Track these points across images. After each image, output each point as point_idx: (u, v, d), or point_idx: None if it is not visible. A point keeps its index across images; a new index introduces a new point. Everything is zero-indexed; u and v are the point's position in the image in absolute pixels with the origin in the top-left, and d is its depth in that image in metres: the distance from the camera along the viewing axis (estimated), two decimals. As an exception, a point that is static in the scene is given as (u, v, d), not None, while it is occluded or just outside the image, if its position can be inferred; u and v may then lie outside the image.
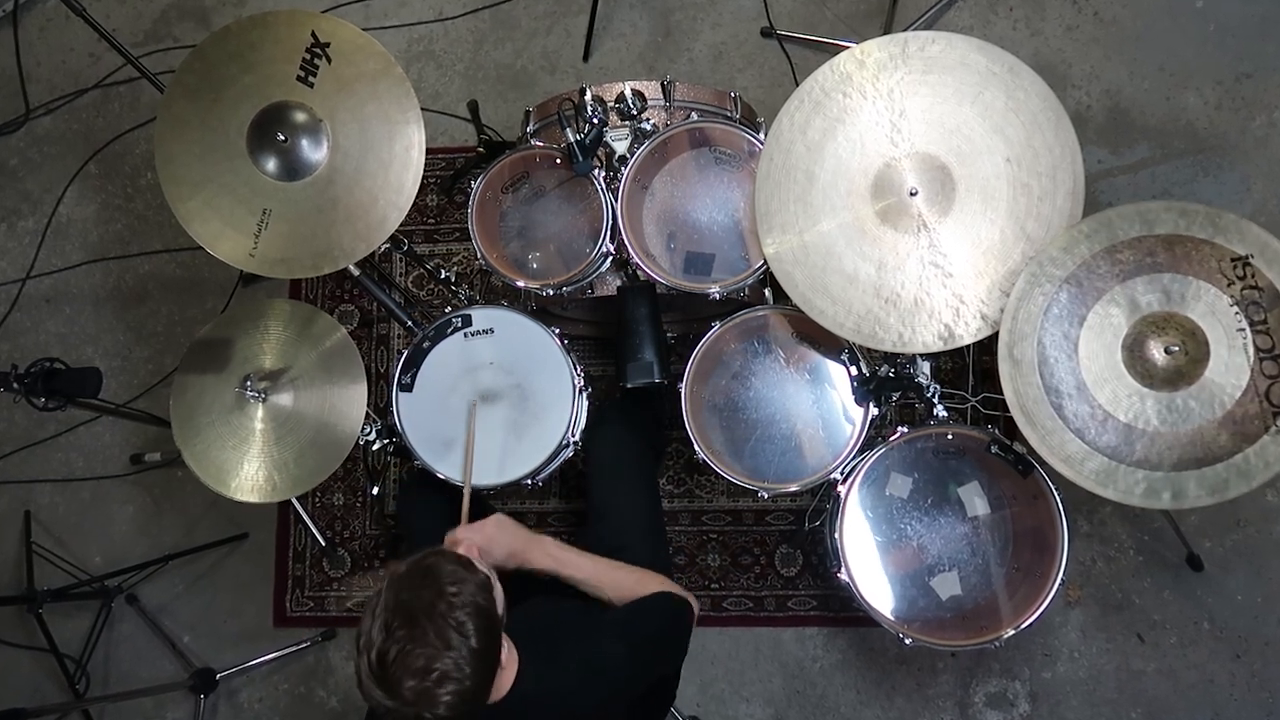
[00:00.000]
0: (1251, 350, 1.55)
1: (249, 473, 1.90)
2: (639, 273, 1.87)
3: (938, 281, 1.70)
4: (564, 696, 1.46)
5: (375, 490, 2.47)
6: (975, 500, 1.85)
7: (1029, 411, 1.63)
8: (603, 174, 1.89)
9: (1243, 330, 1.56)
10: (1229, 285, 1.56)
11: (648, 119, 1.92)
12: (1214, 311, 1.57)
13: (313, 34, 1.80)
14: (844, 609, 2.35)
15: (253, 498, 1.90)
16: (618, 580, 1.65)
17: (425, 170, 1.80)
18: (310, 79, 1.81)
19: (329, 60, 1.80)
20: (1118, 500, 1.59)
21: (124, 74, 2.79)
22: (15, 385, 1.86)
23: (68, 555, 2.60)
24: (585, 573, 1.65)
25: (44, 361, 1.91)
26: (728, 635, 2.40)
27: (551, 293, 1.91)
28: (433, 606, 1.25)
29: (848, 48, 1.78)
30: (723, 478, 1.85)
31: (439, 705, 1.22)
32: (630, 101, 1.92)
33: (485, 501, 2.34)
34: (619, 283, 1.93)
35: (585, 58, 2.65)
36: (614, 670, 1.50)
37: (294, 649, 2.48)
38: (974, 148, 1.70)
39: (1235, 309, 1.56)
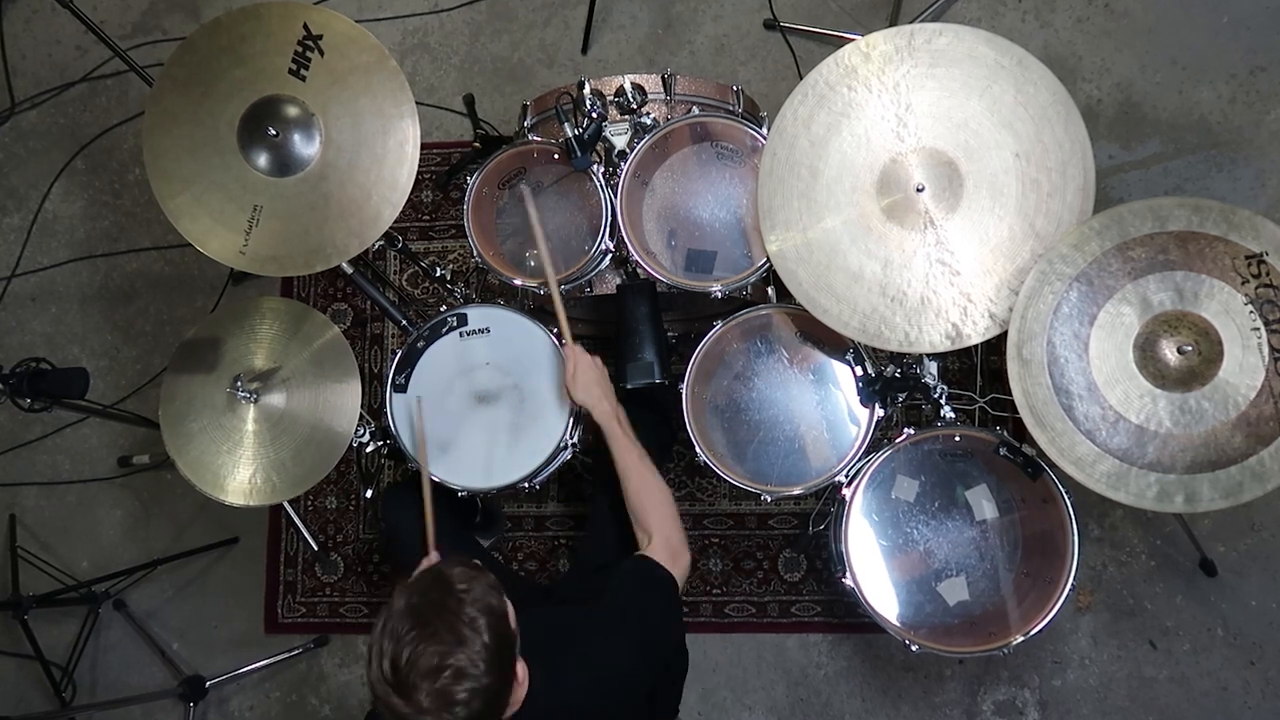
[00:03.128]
0: (1266, 350, 1.53)
1: (244, 476, 1.89)
2: (639, 271, 1.85)
3: (945, 280, 1.68)
4: (580, 703, 1.45)
5: (369, 493, 2.46)
6: (983, 504, 1.83)
7: (1038, 413, 1.61)
8: (602, 169, 1.87)
9: (1257, 329, 1.54)
10: (1243, 283, 1.55)
11: (648, 113, 1.91)
12: (1228, 310, 1.55)
13: (305, 26, 1.78)
14: (849, 615, 2.34)
15: (251, 501, 1.88)
16: (642, 490, 1.67)
17: (420, 166, 1.79)
18: (302, 72, 1.79)
19: (321, 53, 1.79)
20: (1129, 504, 1.57)
21: (111, 67, 2.79)
22: (0, 386, 1.85)
23: (54, 560, 2.58)
24: (627, 459, 1.69)
25: (30, 361, 1.90)
26: (730, 642, 2.38)
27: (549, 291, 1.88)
28: (443, 604, 1.24)
29: (853, 40, 1.76)
30: (725, 481, 1.83)
31: (457, 705, 1.20)
32: (630, 95, 1.91)
33: (492, 503, 2.32)
34: (618, 281, 1.92)
35: (584, 50, 2.64)
36: (625, 668, 1.49)
37: (285, 656, 2.46)
38: (982, 142, 1.68)
39: (1250, 307, 1.54)
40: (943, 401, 1.82)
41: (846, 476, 1.80)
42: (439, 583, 1.27)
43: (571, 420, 1.85)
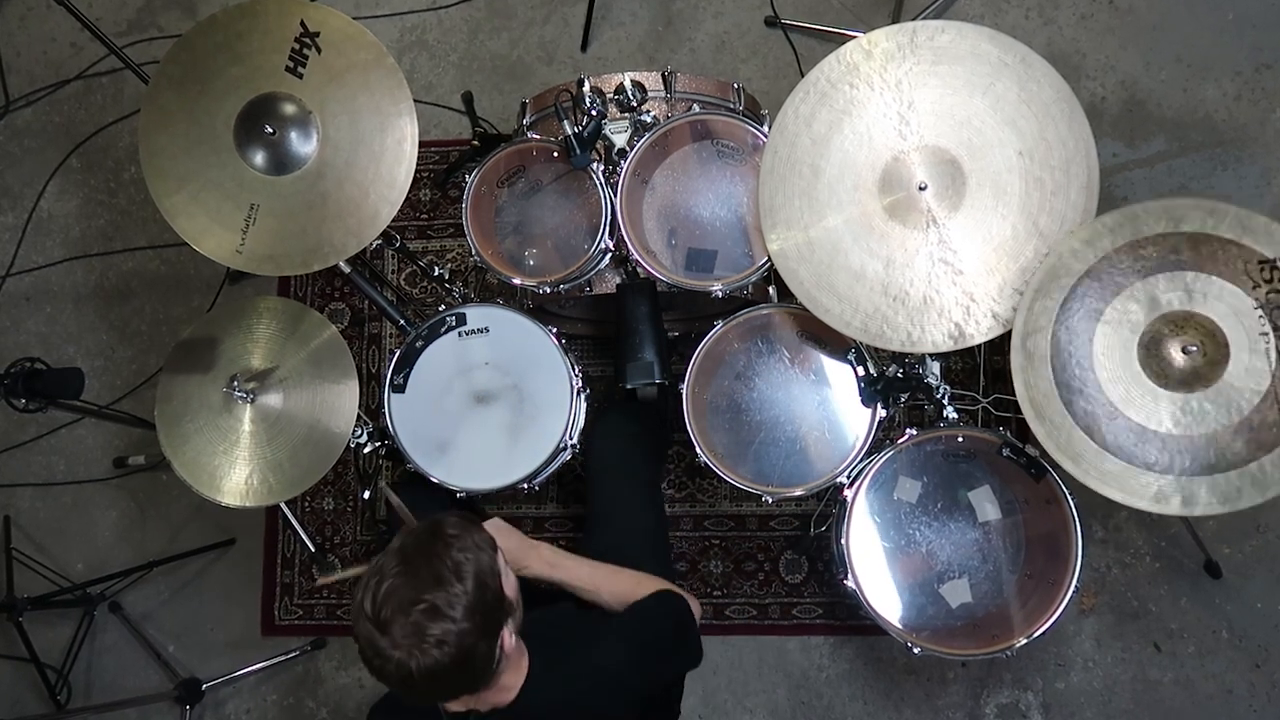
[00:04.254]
0: (1274, 355, 1.52)
1: (240, 477, 1.88)
2: (639, 270, 1.84)
3: (947, 279, 1.67)
4: (569, 704, 1.45)
5: (366, 494, 2.43)
6: (986, 505, 1.82)
7: (1038, 405, 1.61)
8: (601, 168, 1.86)
9: (1266, 335, 1.53)
10: (1255, 287, 1.54)
11: (648, 111, 1.90)
12: (1236, 313, 1.54)
13: (302, 23, 1.77)
14: (850, 617, 2.32)
15: (247, 502, 1.87)
16: (615, 585, 1.64)
17: (418, 164, 1.78)
18: (299, 70, 1.78)
19: (319, 50, 1.78)
20: (1124, 502, 1.57)
21: (107, 64, 2.78)
22: (-5, 387, 1.83)
23: (49, 561, 2.57)
24: (582, 579, 1.64)
25: (24, 362, 1.88)
26: (731, 644, 2.36)
27: (549, 290, 1.88)
28: (430, 548, 1.28)
29: (854, 37, 1.75)
30: (725, 482, 1.82)
31: (427, 643, 1.21)
32: (630, 93, 1.90)
33: (479, 507, 2.29)
34: (618, 280, 1.90)
35: (583, 48, 2.63)
36: (616, 677, 1.49)
37: (282, 658, 2.45)
38: (985, 140, 1.67)
39: (1259, 311, 1.53)
40: (945, 402, 1.82)
41: (848, 478, 1.79)
42: (430, 527, 1.31)
43: (572, 420, 1.83)
